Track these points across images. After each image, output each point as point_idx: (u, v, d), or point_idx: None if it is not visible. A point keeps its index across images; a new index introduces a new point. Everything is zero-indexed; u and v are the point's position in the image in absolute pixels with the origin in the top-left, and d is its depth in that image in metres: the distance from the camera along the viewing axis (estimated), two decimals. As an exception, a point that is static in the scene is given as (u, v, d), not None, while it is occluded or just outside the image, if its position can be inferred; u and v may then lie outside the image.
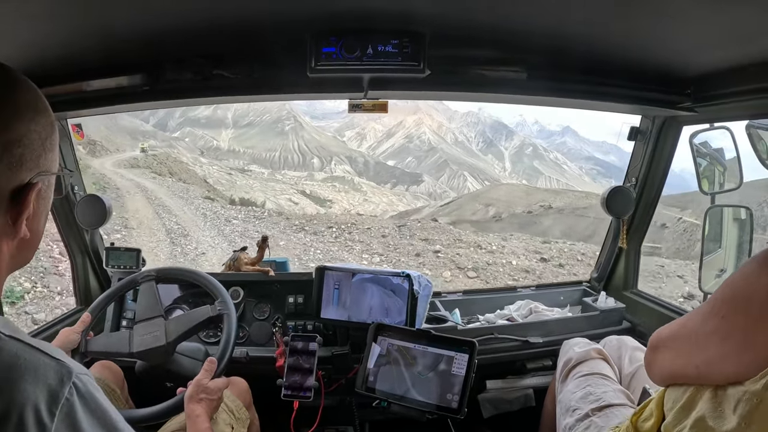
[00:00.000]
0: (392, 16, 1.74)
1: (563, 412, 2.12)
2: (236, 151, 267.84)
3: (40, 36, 1.69)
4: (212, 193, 42.84)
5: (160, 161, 54.32)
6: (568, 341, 2.50)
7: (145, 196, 28.59)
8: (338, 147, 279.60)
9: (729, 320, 1.10)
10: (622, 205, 2.90)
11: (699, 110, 2.31)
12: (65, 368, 0.91)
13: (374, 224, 21.55)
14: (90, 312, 2.22)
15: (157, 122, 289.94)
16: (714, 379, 1.14)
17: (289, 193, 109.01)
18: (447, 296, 3.18)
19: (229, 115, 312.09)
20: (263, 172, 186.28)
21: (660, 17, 1.58)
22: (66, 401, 0.88)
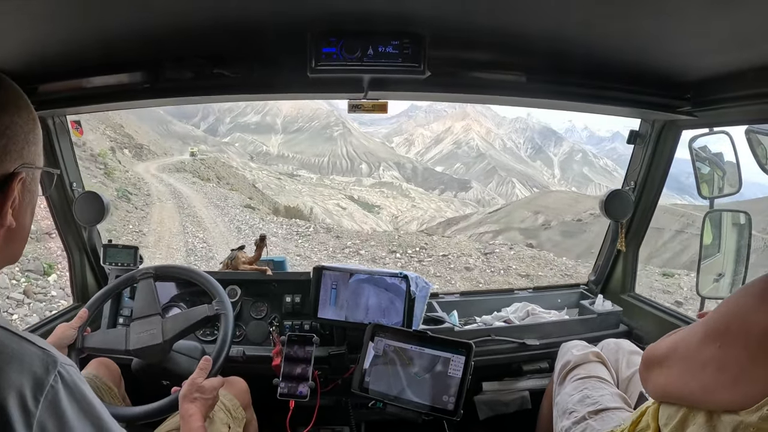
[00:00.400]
0: (392, 18, 1.74)
1: (560, 415, 2.12)
2: (285, 156, 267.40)
3: (41, 34, 1.69)
4: (255, 200, 41.76)
5: (208, 165, 53.26)
6: (566, 344, 2.50)
7: (176, 204, 27.57)
8: (386, 153, 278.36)
9: (726, 351, 1.10)
10: (620, 209, 2.90)
11: (698, 115, 2.31)
12: (51, 357, 0.93)
13: (451, 248, 18.42)
14: (87, 308, 2.22)
15: (208, 127, 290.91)
16: (708, 405, 1.15)
17: (337, 198, 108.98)
18: (444, 297, 3.18)
19: (278, 121, 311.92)
20: (312, 177, 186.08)
21: (660, 21, 1.58)
22: (51, 389, 0.90)
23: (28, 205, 1.08)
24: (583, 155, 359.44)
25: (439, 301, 3.07)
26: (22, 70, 2.02)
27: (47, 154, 2.57)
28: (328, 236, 20.56)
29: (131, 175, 33.42)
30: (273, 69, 2.08)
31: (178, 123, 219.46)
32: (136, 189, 28.81)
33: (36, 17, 1.53)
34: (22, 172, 1.01)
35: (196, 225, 21.78)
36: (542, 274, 16.26)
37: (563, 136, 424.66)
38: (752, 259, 2.54)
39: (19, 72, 2.02)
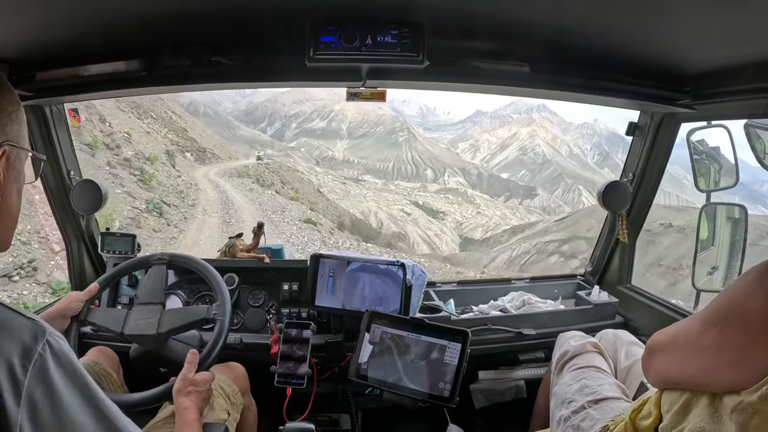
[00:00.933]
0: (391, 6, 1.74)
1: (558, 404, 2.13)
2: (350, 161, 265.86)
3: (38, 21, 1.69)
4: (317, 210, 40.10)
5: (272, 170, 52.31)
6: (564, 334, 2.51)
7: (222, 218, 26.53)
8: (451, 159, 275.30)
9: (726, 334, 1.12)
10: (618, 200, 2.90)
11: (697, 108, 2.31)
12: (39, 327, 0.94)
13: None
14: (98, 283, 2.24)
15: (275, 132, 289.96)
16: (710, 387, 1.16)
17: (402, 204, 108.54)
18: (441, 286, 3.19)
19: (343, 127, 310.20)
20: (377, 183, 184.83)
21: (662, 13, 1.57)
22: (39, 357, 0.91)
23: (13, 183, 1.08)
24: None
25: (436, 290, 3.08)
26: (19, 58, 2.02)
27: (44, 141, 2.58)
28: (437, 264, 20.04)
29: (184, 180, 32.61)
30: (271, 57, 2.08)
31: (245, 128, 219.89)
32: (179, 198, 27.57)
33: (33, 4, 1.53)
34: (5, 149, 1.02)
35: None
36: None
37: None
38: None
39: (17, 59, 2.02)
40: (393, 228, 68.36)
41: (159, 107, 50.91)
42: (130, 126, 35.61)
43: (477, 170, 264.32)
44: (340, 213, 49.40)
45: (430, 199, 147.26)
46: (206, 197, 30.26)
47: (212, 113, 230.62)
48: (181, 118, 57.17)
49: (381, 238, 40.50)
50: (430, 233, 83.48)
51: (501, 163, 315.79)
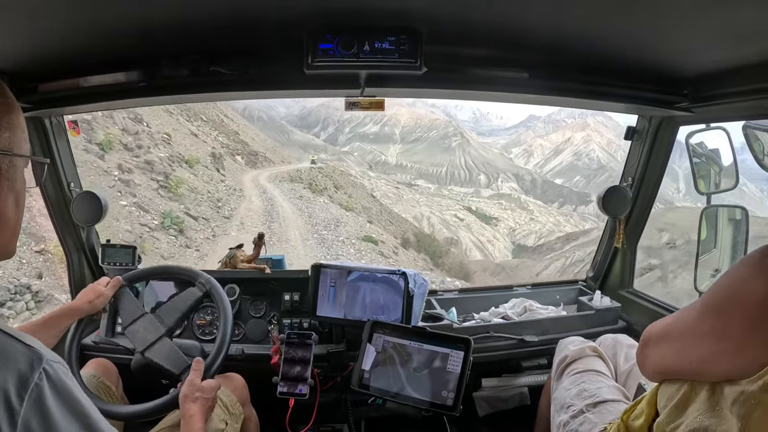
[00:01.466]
0: (389, 13, 1.74)
1: (558, 409, 2.12)
2: (403, 165, 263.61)
3: (37, 33, 1.69)
4: (377, 224, 37.14)
5: (325, 174, 50.47)
6: (564, 340, 2.51)
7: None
8: (505, 164, 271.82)
9: (725, 321, 1.10)
10: (618, 205, 2.90)
11: (696, 111, 2.32)
12: (36, 354, 0.92)
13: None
14: (122, 278, 2.26)
15: (328, 137, 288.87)
16: (709, 375, 1.14)
17: (455, 209, 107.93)
18: (443, 294, 3.19)
19: (396, 131, 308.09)
20: (430, 187, 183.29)
21: (658, 17, 1.58)
22: (35, 386, 0.89)
23: (8, 192, 1.06)
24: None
25: (437, 298, 3.07)
26: (18, 70, 2.02)
27: (44, 153, 2.58)
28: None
29: (227, 186, 30.44)
30: (269, 66, 2.08)
31: (298, 132, 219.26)
32: (214, 209, 24.70)
33: (32, 16, 1.53)
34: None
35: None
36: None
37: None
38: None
39: (16, 71, 2.03)
40: (445, 233, 67.76)
41: (211, 111, 49.91)
42: (173, 128, 33.85)
43: (530, 176, 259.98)
44: (396, 221, 47.48)
45: (483, 205, 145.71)
46: (248, 206, 28.26)
47: (266, 118, 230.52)
48: (233, 121, 55.62)
49: (450, 257, 38.46)
50: (483, 239, 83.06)
51: (555, 168, 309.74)
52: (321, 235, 24.38)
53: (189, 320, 2.70)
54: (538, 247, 64.04)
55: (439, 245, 36.97)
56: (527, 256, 53.18)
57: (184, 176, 26.01)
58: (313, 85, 2.17)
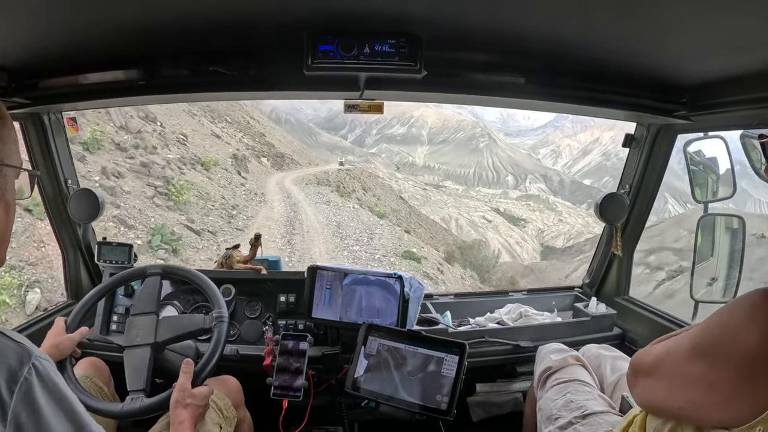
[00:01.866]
0: (389, 17, 1.74)
1: (544, 420, 2.12)
2: (431, 167, 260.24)
3: (37, 29, 1.69)
4: (415, 234, 34.10)
5: (353, 176, 48.56)
6: (543, 347, 2.51)
7: (278, 251, 18.60)
8: (533, 164, 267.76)
9: (715, 371, 1.08)
10: (615, 212, 2.91)
11: (694, 119, 2.32)
12: (25, 350, 0.95)
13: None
14: (90, 297, 2.27)
15: (355, 139, 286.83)
16: (698, 421, 1.14)
17: (483, 211, 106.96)
18: (438, 298, 3.19)
19: (424, 132, 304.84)
20: (457, 189, 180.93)
21: (658, 25, 1.58)
22: (25, 380, 0.91)
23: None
24: (741, 167, 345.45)
25: (433, 303, 3.08)
26: (18, 66, 2.02)
27: (42, 150, 2.58)
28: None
29: (247, 190, 27.55)
30: (269, 67, 2.08)
31: (326, 134, 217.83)
32: (225, 218, 21.28)
33: (32, 13, 1.53)
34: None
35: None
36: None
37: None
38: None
39: (16, 67, 2.03)
40: (473, 235, 67.31)
41: (236, 112, 48.61)
42: (193, 128, 31.98)
43: (559, 176, 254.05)
44: (426, 223, 45.66)
45: (511, 206, 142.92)
46: (267, 214, 24.50)
47: (294, 120, 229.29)
48: (259, 123, 54.07)
49: (499, 271, 35.16)
50: (511, 241, 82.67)
51: (583, 169, 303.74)
52: (352, 252, 21.62)
53: None
54: (567, 249, 63.32)
55: (486, 258, 34.37)
56: (556, 258, 52.36)
57: (197, 180, 23.31)
58: (312, 87, 2.17)
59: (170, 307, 2.69)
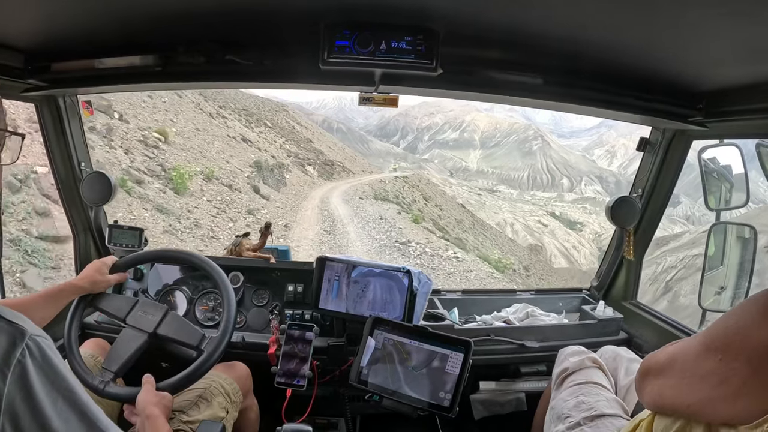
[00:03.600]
0: (407, 13, 1.73)
1: (554, 419, 2.12)
2: (484, 171, 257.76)
3: (53, 12, 1.70)
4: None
5: (411, 184, 44.11)
6: (564, 349, 2.50)
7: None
8: (587, 166, 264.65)
9: (726, 365, 1.08)
10: (626, 216, 2.89)
11: (710, 125, 2.30)
12: (18, 330, 0.93)
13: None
14: (121, 264, 2.28)
15: (407, 145, 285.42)
16: (706, 418, 1.13)
17: (538, 215, 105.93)
18: (446, 295, 3.19)
19: (476, 137, 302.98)
20: (512, 193, 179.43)
21: (678, 30, 1.57)
22: (18, 363, 0.90)
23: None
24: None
25: (440, 298, 3.08)
26: (34, 48, 2.03)
27: (56, 132, 2.59)
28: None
29: (263, 216, 22.07)
30: (285, 59, 2.08)
31: (378, 142, 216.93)
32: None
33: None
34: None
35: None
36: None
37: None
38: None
39: (32, 50, 2.04)
40: (530, 240, 66.69)
41: (281, 118, 45.20)
42: (200, 127, 28.52)
43: (615, 177, 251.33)
44: (492, 234, 42.08)
45: (567, 209, 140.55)
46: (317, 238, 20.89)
47: (345, 129, 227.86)
48: (307, 129, 50.44)
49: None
50: (568, 245, 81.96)
51: None
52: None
53: (192, 304, 2.71)
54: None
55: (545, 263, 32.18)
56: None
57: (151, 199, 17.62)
58: (327, 80, 2.16)
59: (179, 293, 2.71)
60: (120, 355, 2.02)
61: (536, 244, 63.59)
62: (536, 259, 35.15)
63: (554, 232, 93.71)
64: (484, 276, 21.30)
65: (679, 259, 15.98)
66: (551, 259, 58.17)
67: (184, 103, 29.18)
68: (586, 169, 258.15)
